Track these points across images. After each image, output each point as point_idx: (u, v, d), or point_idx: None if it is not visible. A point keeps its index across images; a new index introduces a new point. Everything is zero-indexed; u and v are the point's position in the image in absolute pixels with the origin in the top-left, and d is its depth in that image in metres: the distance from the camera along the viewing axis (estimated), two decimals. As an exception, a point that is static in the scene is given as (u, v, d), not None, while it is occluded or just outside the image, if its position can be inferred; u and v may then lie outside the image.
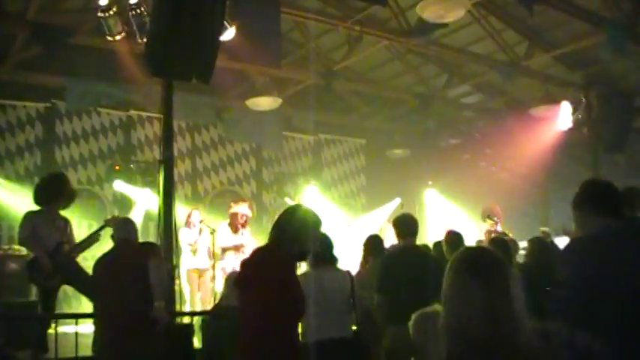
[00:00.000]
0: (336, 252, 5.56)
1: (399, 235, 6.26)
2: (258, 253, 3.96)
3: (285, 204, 13.21)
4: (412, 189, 15.21)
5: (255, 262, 3.85)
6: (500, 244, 7.01)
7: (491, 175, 14.81)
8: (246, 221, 10.38)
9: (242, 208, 10.39)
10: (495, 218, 10.76)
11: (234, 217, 10.35)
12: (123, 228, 5.61)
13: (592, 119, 12.34)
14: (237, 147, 14.45)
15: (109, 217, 8.01)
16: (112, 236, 5.85)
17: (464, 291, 2.28)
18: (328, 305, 5.06)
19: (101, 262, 5.50)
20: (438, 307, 3.83)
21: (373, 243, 7.41)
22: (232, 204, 10.68)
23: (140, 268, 5.23)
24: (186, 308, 9.81)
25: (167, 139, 8.18)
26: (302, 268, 6.07)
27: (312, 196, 14.12)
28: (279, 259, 3.78)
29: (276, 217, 4.04)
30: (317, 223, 4.03)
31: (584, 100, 12.45)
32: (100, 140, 12.79)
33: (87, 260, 7.72)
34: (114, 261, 5.37)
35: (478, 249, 2.60)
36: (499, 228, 11.10)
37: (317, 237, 4.03)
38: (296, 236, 3.82)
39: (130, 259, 5.26)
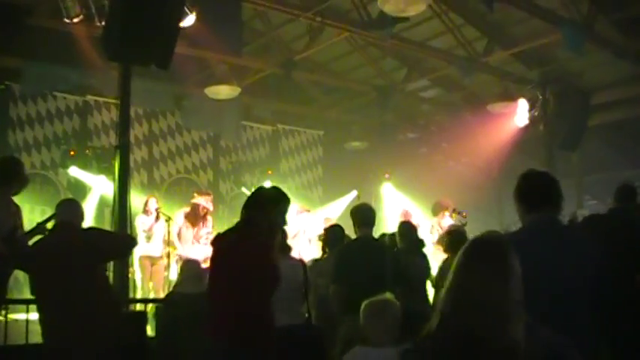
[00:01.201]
0: (289, 241, 5.73)
1: (356, 224, 6.25)
2: (231, 232, 4.08)
3: (242, 194, 13.24)
4: (369, 182, 15.18)
5: (230, 241, 3.97)
6: (462, 236, 7.13)
7: (447, 169, 14.91)
8: (206, 214, 10.29)
9: (204, 201, 10.28)
10: (464, 213, 10.74)
11: (195, 207, 10.27)
12: (66, 209, 5.36)
13: (548, 116, 12.60)
14: (194, 135, 14.35)
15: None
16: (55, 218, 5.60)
17: (476, 277, 2.26)
18: (280, 293, 5.08)
19: (40, 246, 5.29)
20: (387, 295, 4.25)
21: (333, 233, 7.38)
22: (196, 194, 10.60)
23: (86, 252, 5.08)
24: (138, 296, 9.72)
25: (124, 125, 8.16)
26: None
27: (270, 185, 13.88)
28: (254, 235, 3.90)
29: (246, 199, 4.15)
30: (284, 197, 4.18)
31: (540, 97, 12.56)
32: (56, 125, 12.57)
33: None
34: (54, 244, 5.14)
35: (495, 236, 2.57)
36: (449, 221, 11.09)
37: (285, 210, 4.12)
38: (266, 211, 3.96)
39: (73, 242, 5.10)
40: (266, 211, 4.03)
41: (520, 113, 12.73)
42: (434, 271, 7.49)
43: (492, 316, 2.13)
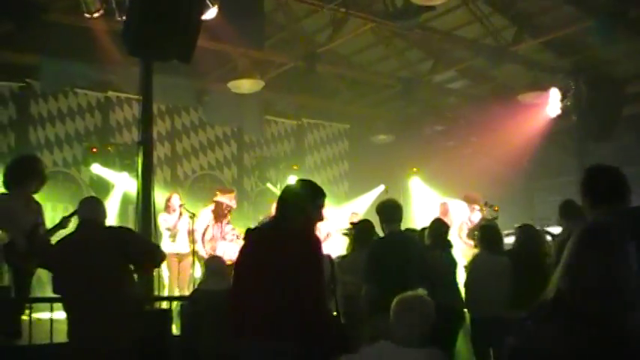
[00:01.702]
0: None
1: (382, 220, 6.26)
2: (270, 229, 4.01)
3: (267, 190, 13.82)
4: (397, 176, 15.16)
5: (272, 238, 3.90)
6: (494, 231, 7.19)
7: (476, 163, 14.64)
8: (229, 212, 10.22)
9: (227, 199, 10.21)
10: (496, 206, 10.55)
11: (218, 206, 10.18)
12: (87, 207, 5.29)
13: (580, 106, 12.32)
14: (217, 131, 14.36)
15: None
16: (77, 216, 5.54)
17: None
18: None
19: (62, 244, 5.20)
20: (420, 291, 4.30)
21: (362, 229, 7.34)
22: (218, 192, 10.47)
23: (110, 249, 5.07)
24: (165, 294, 9.78)
25: (146, 121, 8.13)
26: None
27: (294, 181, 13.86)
28: (300, 232, 3.84)
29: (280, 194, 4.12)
30: (320, 191, 4.10)
31: (573, 86, 12.40)
32: (77, 121, 12.60)
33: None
34: (77, 242, 5.07)
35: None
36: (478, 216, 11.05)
37: (322, 205, 4.05)
38: (303, 206, 3.89)
39: (97, 240, 5.08)
40: (303, 206, 3.98)
41: (552, 103, 12.57)
42: (461, 268, 7.39)
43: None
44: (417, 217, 13.72)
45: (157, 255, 5.44)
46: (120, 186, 11.87)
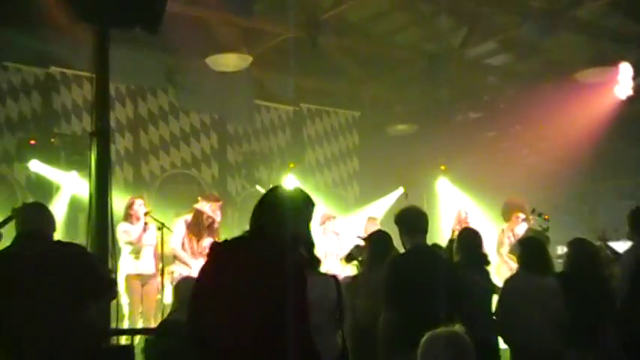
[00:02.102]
0: (318, 253, 5.39)
1: (404, 232, 6.33)
2: (241, 245, 3.98)
3: (257, 193, 13.09)
4: (419, 176, 15.24)
5: (243, 258, 3.86)
6: (537, 245, 7.19)
7: (520, 159, 14.87)
8: (212, 224, 10.35)
9: (210, 209, 10.35)
10: (546, 215, 10.53)
11: (199, 215, 10.30)
12: (29, 216, 5.24)
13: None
14: (193, 119, 14.41)
15: (19, 205, 7.67)
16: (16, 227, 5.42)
17: None
18: None
19: None
20: (457, 327, 4.02)
21: (378, 242, 7.39)
22: (200, 199, 10.59)
23: (61, 271, 4.93)
24: (125, 326, 9.72)
25: (102, 105, 7.71)
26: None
27: (291, 184, 14.03)
28: (279, 251, 3.84)
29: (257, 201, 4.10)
30: (309, 202, 4.14)
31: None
32: (9, 105, 12.41)
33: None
34: (13, 262, 4.97)
35: None
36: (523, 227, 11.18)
37: (310, 219, 4.12)
38: (285, 220, 3.92)
39: (44, 258, 4.92)
40: (284, 220, 3.97)
41: (621, 82, 12.51)
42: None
43: None
44: (444, 229, 13.43)
45: (105, 292, 5.47)
46: (66, 188, 11.78)
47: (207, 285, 3.94)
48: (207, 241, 10.16)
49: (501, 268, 10.58)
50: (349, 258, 8.24)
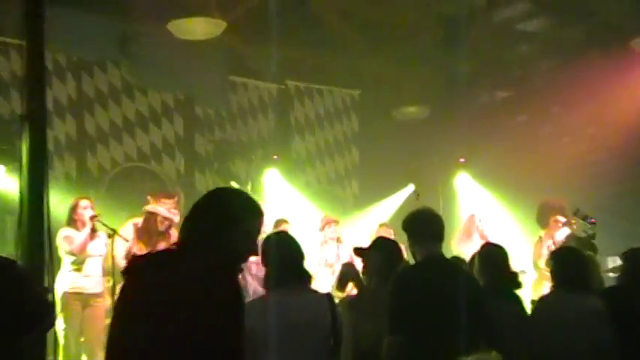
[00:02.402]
0: (308, 266, 5.73)
1: (414, 240, 6.21)
2: (167, 261, 3.96)
3: None
4: (433, 171, 15.34)
5: (169, 276, 3.81)
6: (575, 257, 7.12)
7: (560, 150, 14.77)
8: (169, 228, 10.34)
9: (164, 209, 10.36)
10: (591, 219, 10.57)
11: (150, 219, 10.36)
12: None
13: None
14: (153, 99, 14.32)
15: None
16: None
17: None
18: (295, 348, 5.28)
19: None
20: (494, 356, 4.17)
21: (384, 250, 7.13)
22: (150, 198, 10.63)
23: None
24: (60, 360, 9.81)
25: (35, 81, 7.67)
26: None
27: (274, 181, 14.36)
28: (206, 271, 3.79)
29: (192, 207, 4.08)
30: (254, 209, 4.09)
31: None
32: None
33: None
34: None
35: None
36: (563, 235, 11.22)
37: (254, 230, 4.06)
38: (221, 230, 3.90)
39: None
40: (221, 230, 3.95)
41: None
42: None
43: None
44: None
45: (40, 322, 5.33)
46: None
47: (125, 310, 3.94)
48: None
49: (540, 286, 10.57)
50: (342, 283, 8.23)
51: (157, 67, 13.77)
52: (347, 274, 8.02)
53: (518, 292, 7.22)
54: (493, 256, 7.08)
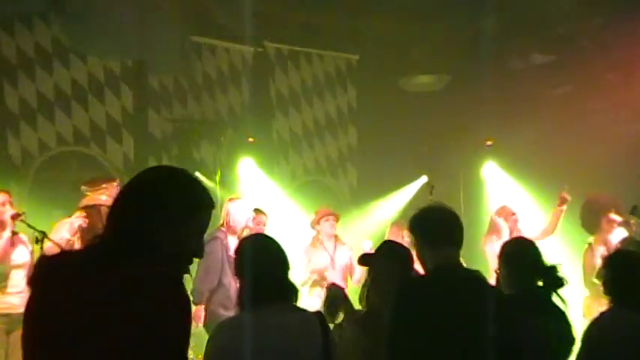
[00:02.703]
0: (293, 278, 5.67)
1: (424, 246, 6.05)
2: (83, 262, 3.79)
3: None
4: (451, 157, 15.46)
5: (91, 285, 3.64)
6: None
7: (614, 129, 14.57)
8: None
9: (105, 195, 10.05)
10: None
11: (93, 214, 10.07)
12: None
13: None
14: (94, 66, 14.09)
15: None
16: None
17: None
18: None
19: None
20: None
21: (391, 257, 7.00)
22: (86, 188, 10.40)
23: None
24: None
25: None
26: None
27: (249, 172, 14.43)
28: (149, 280, 3.64)
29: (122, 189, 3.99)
30: (205, 198, 3.97)
31: None
32: None
33: None
34: None
35: None
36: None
37: (204, 226, 3.97)
38: (160, 225, 3.75)
39: None
40: (177, 224, 3.82)
41: None
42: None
43: None
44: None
45: None
46: None
47: (33, 328, 3.77)
48: None
49: (595, 305, 10.08)
50: (331, 310, 7.78)
51: (99, 25, 13.45)
52: (334, 297, 7.61)
53: (563, 306, 6.84)
54: (523, 254, 6.85)
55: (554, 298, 6.74)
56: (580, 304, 10.80)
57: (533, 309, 6.47)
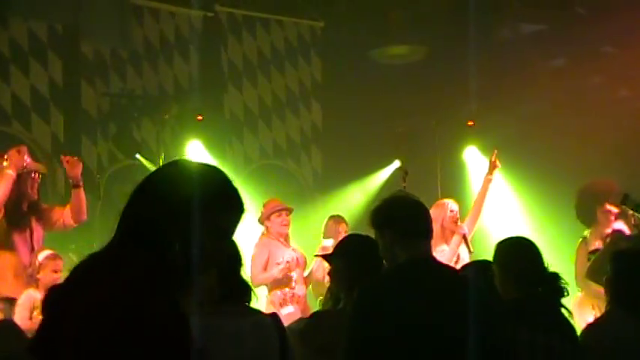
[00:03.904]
0: (246, 276, 5.91)
1: (393, 240, 6.04)
2: (103, 275, 3.69)
3: (138, 168, 14.12)
4: (428, 137, 15.42)
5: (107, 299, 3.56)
6: None
7: (614, 108, 14.72)
8: (36, 181, 10.36)
9: (18, 157, 10.09)
10: None
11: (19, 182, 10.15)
12: None
13: None
14: (17, 31, 14.06)
15: None
16: None
17: None
18: None
19: None
20: None
21: (354, 253, 7.01)
22: None
23: None
24: None
25: None
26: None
27: (197, 154, 14.45)
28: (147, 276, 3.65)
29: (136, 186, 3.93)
30: (234, 192, 3.96)
31: None
32: None
33: None
34: None
35: None
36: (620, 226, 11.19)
37: (237, 221, 3.95)
38: (175, 223, 3.75)
39: None
40: (189, 221, 3.80)
41: None
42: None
43: None
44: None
45: None
46: None
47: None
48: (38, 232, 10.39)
49: (588, 308, 10.63)
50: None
51: None
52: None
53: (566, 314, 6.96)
54: (521, 255, 6.84)
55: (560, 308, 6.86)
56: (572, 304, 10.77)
57: (531, 320, 6.54)
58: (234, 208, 3.91)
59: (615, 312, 6.78)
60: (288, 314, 10.11)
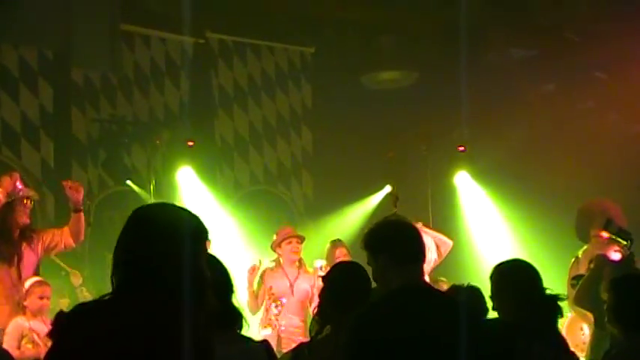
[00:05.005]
0: (239, 304, 5.79)
1: (389, 264, 6.02)
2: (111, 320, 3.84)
3: (128, 194, 14.20)
4: (419, 163, 15.45)
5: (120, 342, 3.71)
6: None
7: (605, 133, 14.82)
8: (27, 208, 10.42)
9: (14, 183, 10.34)
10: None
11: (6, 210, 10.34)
12: None
13: None
14: (6, 57, 14.06)
15: None
16: None
17: None
18: None
19: None
20: None
21: (342, 283, 7.05)
22: None
23: None
24: None
25: None
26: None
27: (188, 183, 14.47)
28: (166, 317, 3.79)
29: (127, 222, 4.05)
30: (202, 227, 4.20)
31: None
32: None
33: None
34: None
35: None
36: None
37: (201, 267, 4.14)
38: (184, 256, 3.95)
39: None
40: (182, 256, 3.98)
41: None
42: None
43: None
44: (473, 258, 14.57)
45: None
46: None
47: None
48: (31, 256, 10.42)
49: (575, 331, 10.76)
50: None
51: (13, 8, 13.32)
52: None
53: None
54: (511, 273, 6.96)
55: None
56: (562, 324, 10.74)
57: (530, 337, 6.63)
58: (205, 234, 4.13)
59: (623, 334, 6.78)
60: (265, 336, 9.92)
